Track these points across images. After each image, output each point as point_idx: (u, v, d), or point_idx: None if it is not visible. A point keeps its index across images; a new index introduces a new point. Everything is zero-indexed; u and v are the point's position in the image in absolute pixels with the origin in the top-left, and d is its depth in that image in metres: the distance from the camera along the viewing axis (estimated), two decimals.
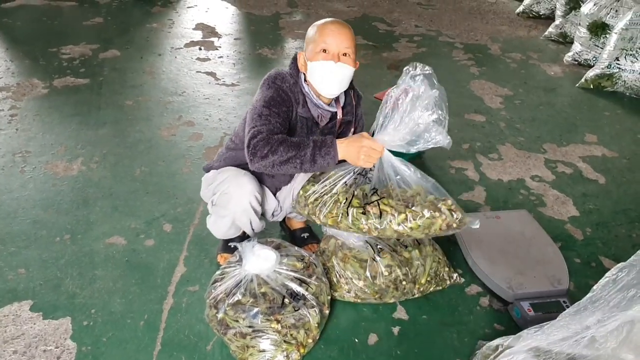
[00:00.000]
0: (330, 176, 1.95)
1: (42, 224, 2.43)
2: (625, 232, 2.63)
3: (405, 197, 1.88)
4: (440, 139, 1.81)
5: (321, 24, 1.95)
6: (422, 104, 1.77)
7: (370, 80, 4.10)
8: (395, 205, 1.85)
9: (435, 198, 1.89)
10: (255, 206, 2.02)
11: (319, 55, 1.91)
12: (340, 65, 1.91)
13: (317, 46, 1.91)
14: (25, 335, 1.89)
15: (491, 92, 4.03)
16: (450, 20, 5.64)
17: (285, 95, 1.92)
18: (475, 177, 2.98)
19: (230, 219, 2.07)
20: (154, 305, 2.05)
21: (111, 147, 3.05)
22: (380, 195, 1.88)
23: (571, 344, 1.42)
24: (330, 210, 1.89)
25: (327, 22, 1.95)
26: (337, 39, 1.90)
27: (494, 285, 2.16)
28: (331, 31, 1.91)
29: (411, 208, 1.84)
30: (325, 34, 1.91)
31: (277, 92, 1.91)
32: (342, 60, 1.92)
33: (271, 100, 1.89)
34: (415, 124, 1.78)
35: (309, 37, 1.97)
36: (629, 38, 3.96)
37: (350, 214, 1.85)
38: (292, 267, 1.91)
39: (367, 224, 1.85)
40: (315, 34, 1.94)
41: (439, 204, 1.88)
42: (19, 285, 2.10)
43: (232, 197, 2.00)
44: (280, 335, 1.78)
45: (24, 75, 3.85)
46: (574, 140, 3.44)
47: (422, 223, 1.84)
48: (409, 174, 1.90)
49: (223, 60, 4.34)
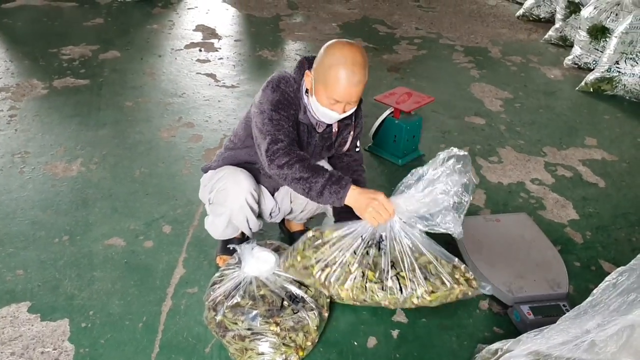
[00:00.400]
0: (334, 242, 1.78)
1: (40, 224, 2.43)
2: (625, 236, 2.63)
3: (419, 264, 1.76)
4: (452, 227, 1.71)
5: (340, 68, 1.75)
6: (448, 187, 1.69)
7: (370, 82, 4.04)
8: (414, 278, 1.73)
9: (452, 267, 1.79)
10: (252, 203, 2.02)
11: (326, 100, 1.82)
12: (344, 114, 1.87)
13: (327, 91, 1.79)
14: (22, 336, 1.89)
15: (491, 95, 4.03)
16: (450, 23, 5.64)
17: (291, 99, 1.89)
18: (475, 180, 2.97)
19: (227, 216, 2.06)
20: (153, 307, 2.05)
21: (111, 148, 3.04)
22: (397, 269, 1.75)
23: (571, 348, 1.42)
24: (343, 284, 1.73)
25: (345, 70, 1.74)
26: (349, 95, 1.79)
27: (494, 288, 2.15)
28: (346, 87, 1.76)
29: (429, 280, 1.74)
30: (339, 88, 1.76)
31: (284, 96, 1.88)
32: (347, 109, 1.86)
33: (279, 103, 1.86)
34: (435, 203, 1.69)
35: (323, 69, 1.78)
36: (629, 42, 3.96)
37: (369, 289, 1.73)
38: None
39: (386, 299, 1.73)
40: (330, 76, 1.76)
41: (456, 273, 1.78)
42: (17, 287, 2.10)
43: (229, 193, 1.99)
44: (279, 338, 1.77)
45: (24, 76, 3.85)
46: (574, 144, 3.44)
47: (441, 294, 1.75)
48: (420, 239, 1.78)
49: (223, 61, 4.34)
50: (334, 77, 1.75)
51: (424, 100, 3.03)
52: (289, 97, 1.88)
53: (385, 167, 3.04)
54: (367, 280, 1.73)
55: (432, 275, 1.75)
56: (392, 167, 3.04)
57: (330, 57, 1.77)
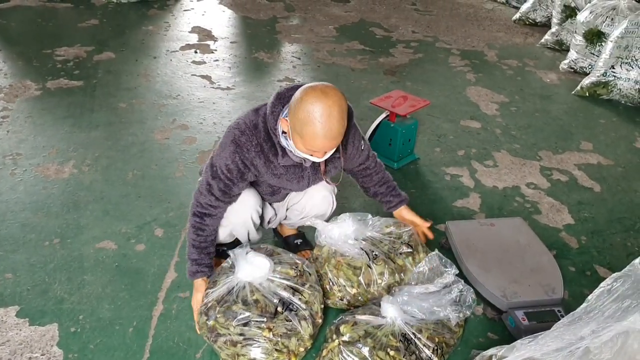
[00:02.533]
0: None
1: (31, 227, 2.40)
2: (620, 241, 2.62)
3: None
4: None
5: (315, 122, 1.63)
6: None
7: (366, 85, 4.08)
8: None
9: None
10: (256, 219, 2.03)
11: (304, 149, 1.74)
12: (326, 156, 1.80)
13: (304, 144, 1.70)
14: (10, 342, 1.86)
15: (487, 99, 4.02)
16: (447, 27, 5.64)
17: (243, 166, 1.84)
18: (470, 184, 2.97)
19: (229, 229, 2.06)
20: (144, 311, 2.02)
21: (103, 150, 3.02)
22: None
23: (565, 355, 1.40)
24: None
25: (322, 127, 1.64)
26: (329, 146, 1.73)
27: (488, 293, 2.14)
28: (324, 142, 1.68)
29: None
30: (317, 142, 1.68)
31: (235, 163, 1.83)
32: (329, 152, 1.78)
33: (226, 170, 1.84)
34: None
35: (298, 121, 1.66)
36: (625, 46, 3.96)
37: None
38: (285, 275, 1.88)
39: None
40: (305, 131, 1.65)
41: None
42: (6, 290, 2.07)
43: (233, 209, 1.97)
44: (272, 344, 1.75)
45: (17, 77, 3.82)
46: (569, 148, 3.43)
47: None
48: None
49: (219, 63, 4.32)
50: (311, 133, 1.65)
51: (419, 103, 3.01)
52: (241, 164, 1.83)
53: None
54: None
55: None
56: (387, 170, 3.01)
57: (305, 112, 1.64)
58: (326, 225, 2.09)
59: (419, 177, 3.01)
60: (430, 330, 1.82)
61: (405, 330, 1.79)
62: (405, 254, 2.10)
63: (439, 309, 1.85)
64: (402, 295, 1.86)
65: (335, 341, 1.78)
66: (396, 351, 1.74)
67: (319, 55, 4.62)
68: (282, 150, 1.83)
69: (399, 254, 2.09)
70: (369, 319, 1.82)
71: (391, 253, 2.08)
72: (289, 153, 1.84)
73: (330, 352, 1.78)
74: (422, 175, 3.01)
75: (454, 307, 1.87)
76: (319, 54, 4.64)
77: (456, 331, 1.91)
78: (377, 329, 1.79)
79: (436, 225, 2.59)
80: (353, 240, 2.08)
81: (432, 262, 2.00)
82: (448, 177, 3.02)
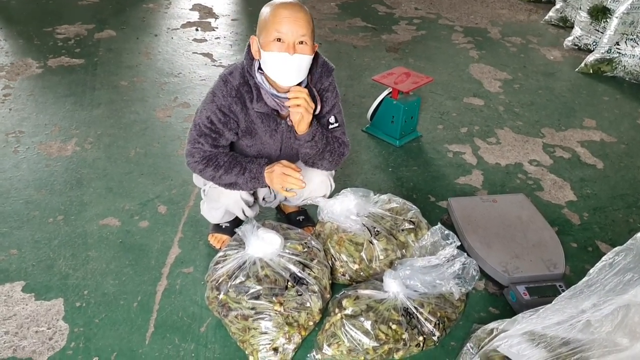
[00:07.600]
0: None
1: (35, 204, 2.41)
2: (622, 217, 2.62)
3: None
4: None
5: (274, 7, 1.76)
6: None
7: (368, 62, 4.05)
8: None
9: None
10: (246, 197, 2.04)
11: (272, 44, 1.75)
12: (296, 57, 1.75)
13: (270, 34, 1.75)
14: (17, 316, 1.88)
15: (490, 76, 3.99)
16: (450, 3, 5.57)
17: (222, 115, 1.87)
18: (473, 161, 2.96)
19: (222, 210, 2.11)
20: (148, 286, 2.04)
21: (106, 128, 3.02)
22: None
23: (566, 328, 1.42)
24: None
25: (280, 7, 1.75)
26: (292, 28, 1.73)
27: (490, 268, 2.15)
28: (285, 18, 1.73)
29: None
30: (278, 22, 1.73)
31: (214, 112, 1.87)
32: (299, 50, 1.75)
33: (208, 122, 1.88)
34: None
35: (262, 20, 1.79)
36: (630, 22, 3.91)
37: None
38: (294, 250, 1.90)
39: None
40: (268, 19, 1.76)
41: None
42: (11, 266, 2.09)
43: (222, 191, 1.98)
44: (283, 318, 1.77)
45: (18, 55, 3.80)
46: (572, 125, 3.41)
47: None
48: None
49: (220, 41, 4.29)
50: (274, 14, 1.75)
51: (422, 80, 2.99)
52: (221, 111, 1.87)
53: (383, 149, 3.01)
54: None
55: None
56: (390, 148, 3.02)
57: (265, 8, 1.81)
58: (328, 201, 2.10)
59: (422, 154, 3.00)
60: (432, 305, 1.84)
61: (407, 305, 1.80)
62: (407, 230, 2.11)
63: (441, 282, 1.86)
64: (405, 269, 1.87)
65: (337, 315, 1.80)
66: (398, 325, 1.76)
67: (320, 32, 4.57)
68: (258, 92, 1.86)
69: (401, 230, 2.10)
70: (371, 293, 1.84)
71: (393, 229, 2.09)
72: (264, 95, 1.86)
73: (332, 325, 1.79)
74: (424, 153, 3.01)
75: (456, 281, 1.88)
76: (321, 31, 4.60)
77: (458, 306, 1.93)
78: (379, 303, 1.80)
79: (438, 202, 2.59)
80: (355, 216, 2.08)
81: (435, 236, 2.00)
82: (451, 154, 3.01)
